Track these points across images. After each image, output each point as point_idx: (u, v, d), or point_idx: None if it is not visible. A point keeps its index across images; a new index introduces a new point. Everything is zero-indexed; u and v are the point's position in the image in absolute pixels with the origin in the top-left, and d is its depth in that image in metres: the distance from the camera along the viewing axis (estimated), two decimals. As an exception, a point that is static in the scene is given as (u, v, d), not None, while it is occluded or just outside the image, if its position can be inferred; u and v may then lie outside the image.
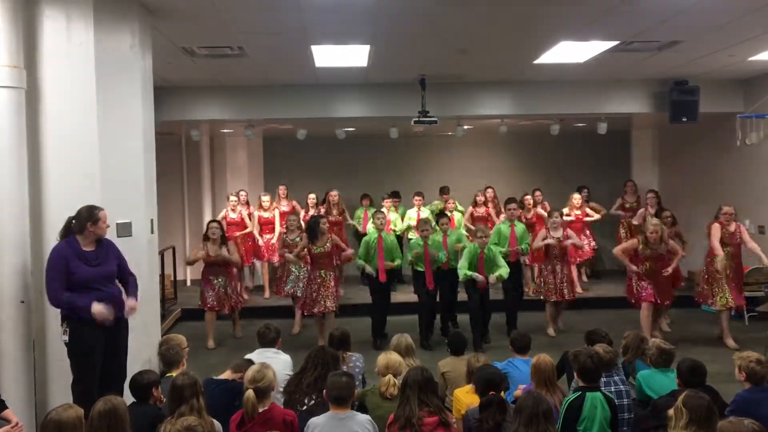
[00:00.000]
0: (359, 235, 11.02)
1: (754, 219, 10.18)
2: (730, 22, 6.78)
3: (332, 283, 8.31)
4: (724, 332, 8.28)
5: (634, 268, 8.01)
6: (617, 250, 8.42)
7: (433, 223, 8.97)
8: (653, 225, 8.00)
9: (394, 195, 11.93)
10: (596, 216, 11.30)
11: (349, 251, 9.08)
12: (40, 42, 5.24)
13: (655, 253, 7.96)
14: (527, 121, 11.32)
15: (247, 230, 10.87)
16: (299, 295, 8.83)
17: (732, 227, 8.23)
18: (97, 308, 4.84)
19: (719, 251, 8.06)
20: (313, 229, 8.27)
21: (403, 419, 4.05)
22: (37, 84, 5.22)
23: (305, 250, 8.30)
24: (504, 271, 8.31)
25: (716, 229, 8.19)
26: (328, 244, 8.27)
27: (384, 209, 11.15)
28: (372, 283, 8.80)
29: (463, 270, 8.27)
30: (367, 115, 10.17)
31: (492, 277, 8.27)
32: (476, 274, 8.19)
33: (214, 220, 9.14)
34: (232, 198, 11.06)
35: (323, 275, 8.22)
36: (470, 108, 10.19)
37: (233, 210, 10.84)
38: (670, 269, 8.01)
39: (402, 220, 11.51)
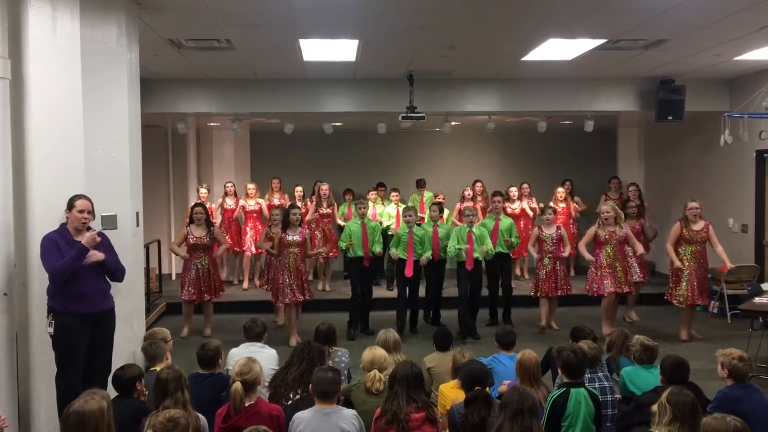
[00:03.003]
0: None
1: (737, 217, 10.26)
2: (716, 21, 6.83)
3: (301, 274, 8.37)
4: (683, 323, 8.43)
5: (593, 258, 8.30)
6: (580, 244, 8.65)
7: (418, 212, 9.08)
8: (607, 205, 8.57)
9: (380, 186, 11.97)
10: (582, 207, 11.81)
11: (321, 250, 9.74)
12: (25, 32, 5.15)
13: (613, 237, 8.22)
14: (514, 117, 11.36)
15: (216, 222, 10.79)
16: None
17: (698, 225, 8.14)
18: (86, 239, 4.86)
19: (672, 257, 8.18)
20: (285, 217, 8.41)
21: (391, 414, 4.06)
22: (21, 74, 5.14)
23: (280, 240, 8.36)
24: (491, 247, 8.57)
25: (675, 231, 8.22)
26: (298, 236, 8.32)
27: (370, 200, 11.18)
28: (354, 271, 8.88)
29: (452, 246, 8.46)
30: (354, 110, 10.16)
31: (483, 248, 8.46)
32: (465, 246, 8.40)
33: (198, 204, 9.07)
34: (202, 191, 11.15)
35: (290, 265, 8.27)
36: (458, 104, 10.22)
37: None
38: (639, 248, 8.46)
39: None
